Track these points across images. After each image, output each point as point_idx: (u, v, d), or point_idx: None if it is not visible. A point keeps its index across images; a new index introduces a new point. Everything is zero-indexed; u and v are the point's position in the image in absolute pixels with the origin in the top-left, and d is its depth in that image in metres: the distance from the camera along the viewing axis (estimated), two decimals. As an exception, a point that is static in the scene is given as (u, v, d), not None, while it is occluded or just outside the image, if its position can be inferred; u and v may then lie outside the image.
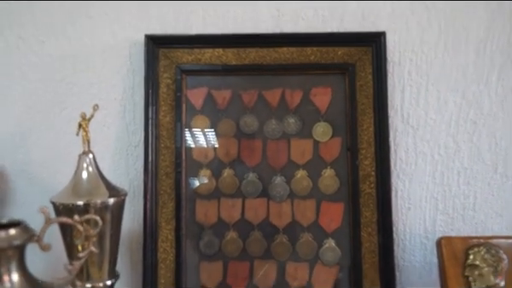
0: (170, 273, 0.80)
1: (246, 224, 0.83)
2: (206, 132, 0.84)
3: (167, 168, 0.81)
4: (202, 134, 0.84)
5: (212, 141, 0.84)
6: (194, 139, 0.84)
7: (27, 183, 0.87)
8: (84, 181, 0.70)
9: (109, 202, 0.70)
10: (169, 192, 0.81)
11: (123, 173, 0.87)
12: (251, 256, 0.82)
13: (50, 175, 0.86)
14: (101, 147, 0.83)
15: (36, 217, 0.57)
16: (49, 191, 0.72)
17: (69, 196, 0.68)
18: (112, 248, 0.72)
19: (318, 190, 0.83)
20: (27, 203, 0.87)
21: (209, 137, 0.84)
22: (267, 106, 0.84)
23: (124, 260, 0.88)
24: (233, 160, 0.83)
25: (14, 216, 0.58)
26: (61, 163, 0.85)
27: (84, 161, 0.70)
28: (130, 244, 0.89)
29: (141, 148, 0.87)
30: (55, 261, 0.84)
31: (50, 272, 0.68)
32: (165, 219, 0.81)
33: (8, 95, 0.87)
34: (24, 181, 0.87)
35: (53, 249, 0.64)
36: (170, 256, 0.81)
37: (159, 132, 0.82)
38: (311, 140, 0.83)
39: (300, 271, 0.82)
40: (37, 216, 0.56)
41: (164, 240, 0.81)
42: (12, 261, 0.52)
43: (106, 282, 0.72)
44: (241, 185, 0.83)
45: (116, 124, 0.87)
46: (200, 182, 0.83)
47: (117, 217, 0.72)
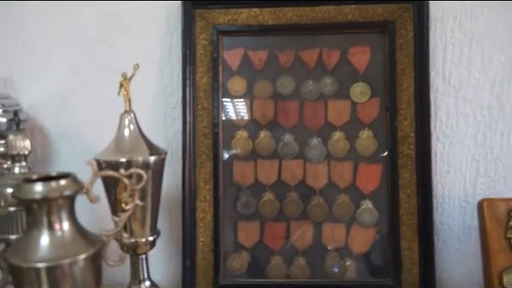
0: (208, 232, 0.82)
1: (282, 185, 0.83)
2: (243, 93, 0.84)
3: (205, 129, 0.82)
4: (239, 95, 0.84)
5: (248, 103, 0.84)
6: (231, 100, 0.84)
7: (69, 145, 0.90)
8: (126, 139, 0.71)
9: (150, 160, 0.71)
10: (207, 153, 0.82)
11: (161, 135, 0.89)
12: (287, 217, 0.83)
13: (92, 137, 0.89)
14: (140, 110, 0.84)
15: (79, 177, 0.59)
16: (91, 151, 0.74)
17: (112, 153, 0.70)
18: (153, 206, 0.74)
19: (355, 152, 0.82)
20: (70, 163, 0.89)
21: (245, 98, 0.84)
22: (304, 67, 0.83)
23: (163, 220, 0.91)
24: (269, 122, 0.83)
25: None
26: (101, 124, 0.87)
27: (126, 120, 0.72)
28: (169, 205, 0.91)
29: (178, 110, 0.88)
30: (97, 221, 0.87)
31: (95, 229, 0.71)
32: (203, 179, 0.82)
33: (50, 59, 0.89)
34: (66, 143, 0.90)
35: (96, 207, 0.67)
36: (208, 216, 0.82)
37: (196, 93, 0.82)
38: (349, 101, 0.82)
39: (337, 232, 0.82)
40: (79, 175, 0.58)
41: (202, 200, 0.82)
42: (63, 210, 0.53)
43: (148, 238, 0.74)
44: (278, 146, 0.83)
45: (154, 87, 0.88)
46: (236, 144, 0.84)
47: (157, 176, 0.74)
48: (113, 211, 0.72)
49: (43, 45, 0.89)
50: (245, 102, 0.84)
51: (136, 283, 0.76)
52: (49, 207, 0.52)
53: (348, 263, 0.82)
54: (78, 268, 0.53)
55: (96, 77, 0.88)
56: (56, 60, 0.89)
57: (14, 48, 0.89)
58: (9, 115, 0.79)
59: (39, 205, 0.52)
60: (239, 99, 0.84)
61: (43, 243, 0.52)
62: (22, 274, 0.52)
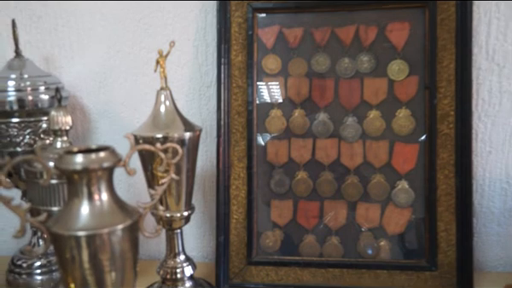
0: (242, 209, 0.83)
1: (316, 164, 0.83)
2: (277, 71, 0.83)
3: (239, 107, 0.82)
4: (273, 73, 0.83)
5: (282, 81, 0.83)
6: (266, 78, 0.83)
7: (108, 122, 0.92)
8: (162, 116, 0.73)
9: (185, 136, 0.72)
10: (241, 131, 0.83)
11: (196, 113, 0.90)
12: (321, 196, 0.83)
13: (129, 114, 0.91)
14: (176, 88, 0.86)
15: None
16: (129, 129, 0.76)
17: (149, 129, 0.72)
18: (188, 182, 0.76)
19: (392, 131, 0.80)
20: (108, 140, 0.92)
21: (280, 77, 0.83)
22: (340, 44, 0.81)
23: (197, 198, 0.93)
24: (304, 100, 0.83)
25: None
26: (139, 102, 0.89)
27: (162, 96, 0.73)
28: (204, 182, 0.93)
29: (213, 89, 0.89)
30: (134, 196, 0.90)
31: (131, 203, 0.73)
32: (237, 157, 0.83)
33: (90, 38, 0.91)
34: (105, 120, 0.93)
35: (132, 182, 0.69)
36: (242, 193, 0.83)
37: (231, 72, 0.82)
38: (386, 78, 0.80)
39: (372, 212, 0.81)
40: (118, 151, 0.59)
41: (236, 178, 0.83)
42: (102, 181, 0.55)
43: (183, 213, 0.76)
44: (312, 125, 0.82)
45: (189, 65, 0.89)
46: (270, 123, 0.83)
47: (192, 152, 0.75)
48: (149, 185, 0.74)
49: (84, 25, 0.91)
50: (279, 80, 0.83)
51: (171, 256, 0.78)
52: (88, 178, 0.54)
53: (382, 244, 0.81)
54: (116, 238, 0.55)
55: (133, 55, 0.90)
56: (96, 39, 0.91)
57: (56, 27, 0.91)
58: (51, 92, 0.82)
59: (80, 176, 0.54)
60: (273, 77, 0.83)
61: (84, 212, 0.54)
62: (63, 242, 0.54)
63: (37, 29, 0.91)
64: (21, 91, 0.80)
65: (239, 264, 0.82)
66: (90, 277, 0.54)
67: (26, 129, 0.82)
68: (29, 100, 0.81)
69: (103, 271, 0.55)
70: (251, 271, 0.82)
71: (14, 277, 0.87)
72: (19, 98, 0.80)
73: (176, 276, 0.78)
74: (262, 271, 0.82)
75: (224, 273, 0.82)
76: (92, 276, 0.54)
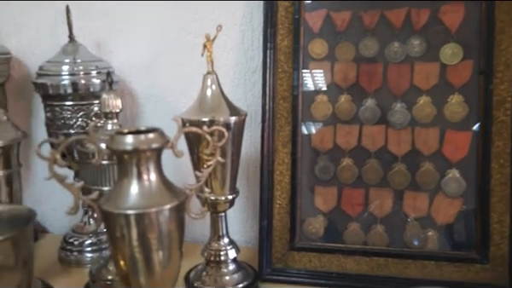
0: (285, 195, 0.82)
1: (362, 151, 0.81)
2: (324, 56, 0.82)
3: (284, 92, 0.82)
4: (320, 58, 0.82)
5: (329, 66, 0.82)
6: (312, 63, 0.82)
7: (155, 106, 0.95)
8: (208, 100, 0.73)
9: (231, 120, 0.73)
10: (286, 117, 0.82)
11: (241, 98, 0.90)
12: (366, 183, 0.81)
13: (176, 99, 0.93)
14: (221, 74, 0.85)
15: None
16: (175, 113, 0.78)
17: (195, 113, 0.73)
18: (233, 166, 0.76)
19: (443, 117, 0.77)
20: (155, 124, 0.92)
21: (326, 61, 0.82)
22: (389, 28, 0.79)
23: (241, 183, 0.93)
24: (351, 85, 0.81)
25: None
26: (185, 86, 0.91)
27: (209, 80, 0.74)
28: (248, 167, 0.93)
29: (258, 74, 0.89)
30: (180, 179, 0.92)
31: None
32: (281, 142, 0.82)
33: (139, 24, 0.93)
34: (152, 104, 0.95)
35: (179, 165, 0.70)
36: (285, 179, 0.82)
37: (276, 56, 0.82)
38: (438, 63, 0.77)
39: (419, 201, 0.79)
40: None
41: (280, 163, 0.83)
42: (150, 162, 0.56)
43: (227, 196, 0.77)
44: (359, 111, 0.81)
45: (235, 50, 0.89)
46: (315, 108, 0.82)
47: (237, 136, 0.76)
48: (195, 169, 0.75)
49: (133, 11, 0.93)
50: (326, 65, 0.82)
51: (215, 239, 0.80)
52: (138, 158, 0.56)
53: (430, 234, 0.79)
54: (164, 217, 0.56)
55: (181, 40, 0.91)
56: (145, 25, 0.93)
57: (108, 13, 0.94)
58: (102, 76, 0.85)
59: (129, 156, 0.55)
60: (320, 62, 0.82)
61: (133, 192, 0.56)
62: (113, 220, 0.56)
63: (90, 15, 0.94)
64: (75, 75, 0.84)
65: (281, 249, 0.82)
66: (139, 255, 0.56)
67: (79, 112, 0.85)
68: (82, 84, 0.84)
69: (151, 249, 0.57)
70: (293, 256, 0.82)
71: (65, 254, 0.92)
72: (72, 82, 0.83)
73: (219, 258, 0.79)
74: (305, 257, 0.82)
75: (267, 258, 0.82)
76: (140, 254, 0.56)
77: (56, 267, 0.90)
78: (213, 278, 0.79)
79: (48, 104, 0.86)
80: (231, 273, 0.79)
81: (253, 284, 0.80)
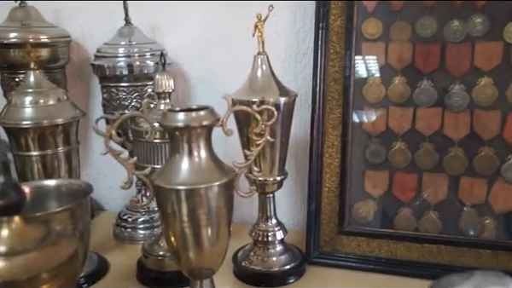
0: (334, 178, 0.81)
1: (416, 135, 0.78)
2: (378, 36, 0.79)
3: (336, 74, 0.80)
4: (373, 38, 0.79)
5: (383, 46, 0.79)
6: (365, 43, 0.80)
7: (206, 88, 0.96)
8: (259, 80, 0.73)
9: (280, 101, 0.72)
10: (336, 99, 0.81)
11: (291, 80, 0.89)
12: (420, 168, 0.78)
13: (226, 81, 0.93)
14: (272, 56, 0.85)
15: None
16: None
17: (245, 93, 0.73)
18: (282, 147, 0.76)
19: (505, 100, 0.73)
20: (207, 106, 0.95)
21: (380, 42, 0.79)
22: (449, 5, 0.75)
23: (290, 165, 0.93)
24: (406, 66, 0.78)
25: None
26: (235, 69, 0.91)
27: (259, 60, 0.74)
28: (296, 149, 0.93)
29: (309, 56, 0.87)
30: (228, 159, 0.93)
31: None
32: (331, 125, 0.81)
33: (191, 7, 0.94)
34: (203, 87, 0.96)
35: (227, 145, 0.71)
36: (335, 162, 0.81)
37: (328, 37, 0.80)
38: (502, 42, 0.73)
39: (477, 188, 0.75)
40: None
41: (330, 146, 0.81)
42: (201, 139, 0.57)
43: (276, 178, 0.77)
44: (414, 93, 0.78)
45: (286, 32, 0.89)
46: (367, 90, 0.80)
47: (287, 117, 0.75)
48: (245, 147, 0.75)
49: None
50: (379, 46, 0.79)
51: (263, 220, 0.80)
52: (189, 135, 0.57)
53: (487, 222, 0.75)
54: (213, 194, 0.57)
55: (232, 23, 0.91)
56: (197, 7, 0.94)
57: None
58: (156, 58, 0.87)
59: (181, 133, 0.57)
60: (373, 42, 0.79)
61: (184, 168, 0.57)
62: (165, 195, 0.57)
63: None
64: (130, 57, 0.86)
65: (330, 233, 0.82)
66: (188, 230, 0.58)
67: (134, 93, 0.88)
68: (136, 66, 0.86)
69: (200, 225, 0.58)
70: (342, 240, 0.81)
71: (120, 230, 0.96)
72: (128, 63, 0.86)
73: (267, 239, 0.79)
74: (353, 241, 0.81)
75: (315, 241, 0.82)
76: (190, 229, 0.58)
77: (111, 242, 0.95)
78: (260, 258, 0.79)
79: (104, 85, 0.90)
80: (278, 255, 0.80)
81: (300, 266, 0.80)
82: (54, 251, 0.43)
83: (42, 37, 0.88)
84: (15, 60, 0.89)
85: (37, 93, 0.76)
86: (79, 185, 0.67)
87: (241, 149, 0.77)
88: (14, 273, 0.40)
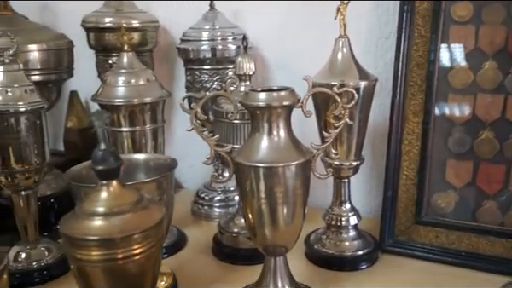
0: (413, 166, 0.79)
1: (506, 124, 0.74)
2: (468, 19, 0.75)
3: (419, 58, 0.78)
4: (463, 21, 0.76)
5: (473, 29, 0.75)
6: (453, 27, 0.76)
7: (285, 72, 0.97)
8: (339, 63, 0.73)
9: (360, 85, 0.72)
10: (419, 84, 0.78)
11: (371, 65, 0.87)
12: (509, 159, 0.74)
13: (305, 66, 0.92)
14: (352, 39, 0.85)
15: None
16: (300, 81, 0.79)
17: (325, 76, 0.73)
18: (359, 132, 0.76)
19: None
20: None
21: (471, 24, 0.75)
22: (550, -15, 0.69)
23: (366, 152, 0.91)
24: (498, 51, 0.74)
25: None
26: (314, 53, 0.91)
27: (340, 43, 0.73)
28: (374, 135, 0.91)
29: (391, 40, 0.85)
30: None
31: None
32: (412, 111, 0.79)
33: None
34: (282, 71, 0.98)
35: (304, 128, 0.71)
36: (414, 149, 0.79)
37: (413, 20, 0.77)
38: None
39: None
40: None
41: (410, 133, 0.79)
42: (281, 119, 0.59)
43: (352, 162, 0.77)
44: (505, 79, 0.73)
45: (368, 16, 0.87)
46: (453, 76, 0.77)
47: (366, 102, 0.74)
48: (321, 131, 0.76)
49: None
50: (469, 29, 0.75)
51: (337, 204, 0.80)
52: (269, 114, 0.58)
53: None
54: (290, 173, 0.58)
55: (312, 7, 0.91)
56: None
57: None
58: (238, 42, 0.89)
59: (261, 112, 0.58)
60: (462, 25, 0.76)
61: (263, 146, 0.59)
62: (244, 172, 0.59)
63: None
64: (213, 41, 0.90)
65: (406, 222, 0.80)
66: (265, 207, 0.59)
67: (215, 76, 0.92)
68: (219, 49, 0.90)
69: (277, 203, 0.59)
70: (418, 230, 0.79)
71: (197, 207, 1.00)
72: (211, 47, 0.90)
73: (340, 223, 0.79)
74: (431, 232, 0.78)
75: (389, 229, 0.80)
76: (267, 206, 0.59)
77: (189, 218, 1.00)
78: (333, 242, 0.79)
79: (188, 68, 0.94)
80: (351, 240, 0.79)
81: (373, 253, 0.79)
82: (145, 215, 0.46)
83: (133, 22, 0.94)
84: (109, 43, 0.96)
85: (129, 73, 0.82)
86: (165, 160, 0.72)
87: (318, 133, 0.77)
88: (110, 232, 0.44)
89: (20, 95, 0.71)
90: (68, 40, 0.94)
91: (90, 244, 0.44)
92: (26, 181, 0.74)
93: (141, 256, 0.46)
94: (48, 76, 0.89)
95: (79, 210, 0.46)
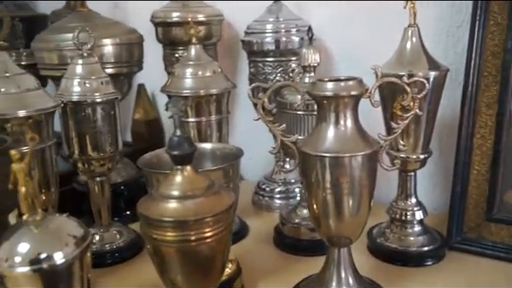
0: (485, 161, 0.76)
1: None
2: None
3: (495, 47, 0.74)
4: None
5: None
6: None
7: (349, 64, 0.96)
8: (408, 53, 0.71)
9: (430, 75, 0.69)
10: (494, 75, 0.74)
11: (440, 55, 0.84)
12: None
13: (371, 57, 0.91)
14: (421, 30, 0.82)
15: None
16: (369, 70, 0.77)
17: (392, 67, 0.71)
18: (428, 124, 0.74)
19: None
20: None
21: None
22: None
23: (432, 146, 0.88)
24: None
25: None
26: (380, 45, 0.89)
27: (409, 32, 0.72)
28: (441, 130, 0.88)
29: (463, 29, 0.82)
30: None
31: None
32: (485, 103, 0.75)
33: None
34: (346, 63, 0.96)
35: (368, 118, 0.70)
36: (487, 144, 0.76)
37: (489, 6, 0.74)
38: None
39: None
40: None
41: (482, 126, 0.76)
42: (348, 109, 0.58)
43: (419, 155, 0.75)
44: None
45: (438, 4, 0.84)
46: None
47: (436, 93, 0.72)
48: (387, 126, 0.74)
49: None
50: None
51: (402, 198, 0.78)
52: (336, 104, 0.58)
53: None
54: (357, 164, 0.58)
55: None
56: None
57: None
58: (301, 34, 0.90)
59: (329, 102, 0.58)
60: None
61: (329, 136, 0.59)
62: (310, 162, 0.60)
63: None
64: (277, 33, 0.91)
65: (476, 219, 0.77)
66: (330, 197, 0.59)
67: (278, 68, 0.93)
68: (283, 41, 0.91)
69: (342, 194, 0.59)
70: (489, 228, 0.76)
71: (258, 198, 1.02)
72: (275, 39, 0.90)
73: (405, 218, 0.78)
74: (503, 230, 0.75)
75: (458, 226, 0.78)
76: (332, 197, 0.59)
77: (250, 208, 1.01)
78: (397, 236, 0.78)
79: (252, 60, 0.96)
80: (416, 235, 0.78)
81: (439, 249, 0.76)
82: (217, 200, 0.48)
83: (199, 16, 0.97)
84: (176, 37, 0.99)
85: (196, 65, 0.84)
86: (231, 149, 0.73)
87: (384, 125, 0.76)
88: (184, 215, 0.46)
89: (97, 86, 0.75)
90: (139, 34, 0.98)
91: (165, 225, 0.46)
92: (101, 168, 0.79)
93: (212, 240, 0.47)
94: (120, 69, 0.94)
95: (156, 193, 0.48)
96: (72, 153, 0.77)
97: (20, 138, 0.62)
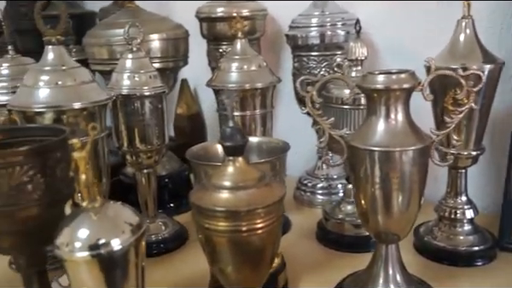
0: (542, 158, 0.73)
1: None
2: None
3: (555, 38, 0.71)
4: None
5: None
6: None
7: (395, 58, 0.94)
8: (461, 45, 0.69)
9: (485, 68, 0.67)
10: (553, 68, 0.71)
11: (494, 48, 0.81)
12: None
13: (417, 50, 0.89)
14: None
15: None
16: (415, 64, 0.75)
17: (444, 60, 0.69)
18: (481, 119, 0.71)
19: None
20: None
21: None
22: None
23: (484, 141, 0.86)
24: None
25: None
26: (426, 38, 0.87)
27: (463, 24, 0.69)
28: (494, 126, 0.84)
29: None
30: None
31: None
32: (542, 98, 0.72)
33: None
34: (392, 56, 0.94)
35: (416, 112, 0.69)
36: (544, 140, 0.72)
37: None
38: None
39: None
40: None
41: (539, 122, 0.73)
42: (399, 102, 0.57)
43: (471, 152, 0.72)
44: None
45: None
46: None
47: (490, 87, 0.70)
48: (437, 122, 0.72)
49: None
50: None
51: (452, 195, 0.76)
52: (387, 97, 0.57)
53: None
54: (407, 158, 0.57)
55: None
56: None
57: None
58: (347, 28, 0.89)
59: (379, 95, 0.57)
60: None
61: (379, 130, 0.58)
62: (359, 156, 0.59)
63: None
64: (322, 27, 0.90)
65: (530, 218, 0.74)
66: (379, 192, 0.58)
67: (323, 63, 0.92)
68: (328, 35, 0.90)
69: (392, 189, 0.58)
70: (545, 229, 0.73)
71: (300, 193, 1.02)
72: (320, 33, 0.90)
73: (455, 216, 0.76)
74: (561, 231, 0.71)
75: (511, 226, 0.75)
76: (381, 192, 0.58)
77: (291, 203, 1.01)
78: (446, 235, 0.76)
79: (296, 55, 0.95)
80: (466, 234, 0.75)
81: (490, 250, 0.74)
82: (268, 191, 0.48)
83: (243, 11, 0.97)
84: (220, 32, 1.00)
85: (242, 59, 0.85)
86: (277, 143, 0.74)
87: (434, 121, 0.74)
88: (236, 205, 0.47)
89: (145, 80, 0.77)
90: (185, 30, 1.00)
91: (217, 215, 0.47)
92: (148, 161, 0.81)
93: (263, 231, 0.47)
94: (166, 63, 0.95)
95: (208, 183, 0.49)
96: (121, 145, 0.79)
97: (74, 129, 0.64)
